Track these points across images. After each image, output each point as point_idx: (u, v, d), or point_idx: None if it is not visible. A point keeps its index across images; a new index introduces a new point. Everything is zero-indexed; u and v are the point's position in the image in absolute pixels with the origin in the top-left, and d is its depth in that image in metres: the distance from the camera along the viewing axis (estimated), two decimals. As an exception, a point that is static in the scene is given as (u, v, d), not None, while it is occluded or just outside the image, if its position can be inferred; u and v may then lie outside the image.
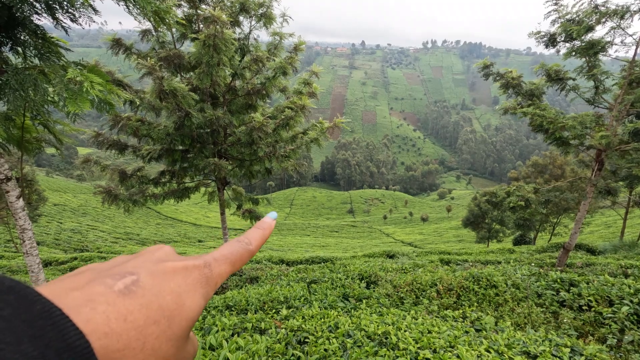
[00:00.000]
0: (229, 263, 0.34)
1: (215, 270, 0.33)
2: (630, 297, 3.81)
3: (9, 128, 3.99)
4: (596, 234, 31.48)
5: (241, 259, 0.36)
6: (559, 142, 7.90)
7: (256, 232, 0.39)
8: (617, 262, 9.18)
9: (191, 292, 0.30)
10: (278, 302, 4.13)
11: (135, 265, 0.29)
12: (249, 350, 2.24)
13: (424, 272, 6.06)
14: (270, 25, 7.53)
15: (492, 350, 2.42)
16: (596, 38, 7.20)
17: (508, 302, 4.36)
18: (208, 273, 0.32)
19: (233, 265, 0.35)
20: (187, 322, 0.28)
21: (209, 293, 0.31)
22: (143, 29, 7.44)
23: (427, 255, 14.32)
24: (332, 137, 13.02)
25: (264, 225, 0.41)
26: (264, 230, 0.40)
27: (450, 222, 64.10)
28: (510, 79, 8.17)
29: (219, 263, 0.33)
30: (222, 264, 0.33)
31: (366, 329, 2.69)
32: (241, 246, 0.37)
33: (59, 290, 0.25)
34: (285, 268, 9.49)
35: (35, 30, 3.13)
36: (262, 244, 0.39)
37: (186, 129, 7.07)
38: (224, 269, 0.33)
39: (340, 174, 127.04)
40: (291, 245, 36.99)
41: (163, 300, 0.27)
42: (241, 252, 0.36)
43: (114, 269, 0.28)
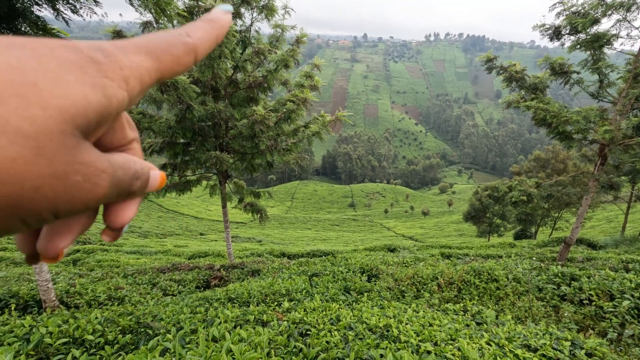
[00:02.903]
0: (147, 53, 0.23)
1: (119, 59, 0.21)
2: (632, 292, 3.82)
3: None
4: (597, 229, 31.48)
5: (170, 51, 0.24)
6: (562, 137, 7.85)
7: (201, 24, 0.27)
8: (618, 256, 9.19)
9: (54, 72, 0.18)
10: (280, 294, 4.16)
11: None
12: (251, 342, 2.25)
13: (425, 266, 6.08)
14: (272, 17, 7.46)
15: (492, 343, 2.43)
16: (601, 31, 7.12)
17: (509, 296, 4.38)
18: (99, 57, 0.21)
19: (157, 60, 0.23)
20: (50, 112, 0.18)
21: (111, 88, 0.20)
22: (144, 20, 7.37)
23: (428, 249, 14.36)
24: (334, 131, 13.01)
25: (211, 16, 0.28)
26: (212, 22, 0.28)
27: (451, 217, 64.16)
28: (513, 73, 8.10)
29: (126, 50, 0.22)
30: (131, 53, 0.22)
31: (368, 321, 2.70)
32: (171, 35, 0.25)
33: None
34: (286, 261, 9.54)
35: (36, 21, 3.11)
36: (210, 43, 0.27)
37: (188, 122, 7.06)
38: (137, 60, 0.22)
39: (341, 167, 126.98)
40: (292, 239, 37.14)
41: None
42: (170, 42, 0.24)
43: None
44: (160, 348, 2.05)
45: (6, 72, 0.17)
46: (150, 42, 0.24)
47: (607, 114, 7.65)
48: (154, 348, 2.09)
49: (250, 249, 18.02)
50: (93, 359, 2.12)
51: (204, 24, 0.27)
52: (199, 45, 0.26)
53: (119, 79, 0.21)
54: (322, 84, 8.13)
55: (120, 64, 0.21)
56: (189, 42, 0.25)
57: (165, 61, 0.24)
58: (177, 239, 31.13)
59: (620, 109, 7.23)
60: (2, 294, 4.73)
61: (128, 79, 0.22)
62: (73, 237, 0.26)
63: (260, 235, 38.60)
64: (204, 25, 0.27)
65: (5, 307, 4.43)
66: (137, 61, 0.22)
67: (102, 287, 5.41)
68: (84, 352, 2.16)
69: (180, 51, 0.25)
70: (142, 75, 0.22)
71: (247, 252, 14.95)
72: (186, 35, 0.26)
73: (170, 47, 0.24)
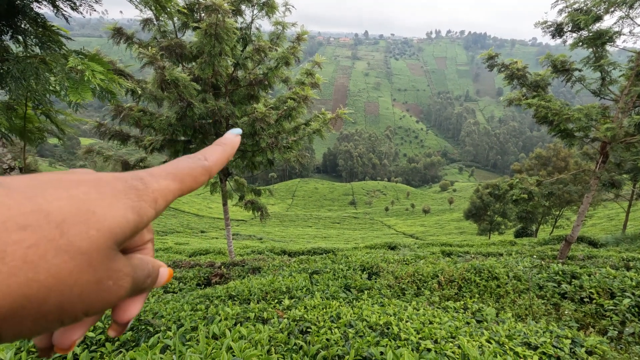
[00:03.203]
0: (174, 178, 0.29)
1: (151, 184, 0.27)
2: (632, 290, 3.81)
3: (11, 118, 3.98)
4: (598, 227, 31.44)
5: (191, 174, 0.30)
6: (563, 134, 7.83)
7: (215, 148, 0.33)
8: (619, 254, 9.18)
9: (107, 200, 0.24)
10: (280, 292, 4.16)
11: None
12: (251, 339, 2.26)
13: (426, 264, 6.08)
14: (273, 14, 7.43)
15: (493, 341, 2.43)
16: (604, 28, 7.08)
17: (509, 294, 4.38)
18: (137, 184, 0.26)
19: (181, 182, 0.29)
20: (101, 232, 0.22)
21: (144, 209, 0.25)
22: (144, 17, 7.36)
23: (428, 247, 14.37)
24: (335, 129, 12.98)
25: (224, 141, 0.35)
26: (225, 146, 0.34)
27: (452, 214, 64.14)
28: (515, 70, 8.07)
29: (157, 177, 0.28)
30: (161, 179, 0.28)
31: (368, 319, 2.71)
32: (192, 161, 0.31)
33: None
34: (287, 259, 9.55)
35: (36, 18, 3.10)
36: (222, 163, 0.33)
37: (188, 119, 7.05)
38: (165, 184, 0.28)
39: (342, 165, 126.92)
40: (293, 237, 37.19)
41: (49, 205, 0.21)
42: (191, 167, 0.30)
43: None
44: (160, 345, 2.06)
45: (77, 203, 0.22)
46: (176, 168, 0.29)
47: (608, 111, 7.62)
48: (155, 345, 2.10)
49: (251, 246, 18.05)
50: (94, 356, 2.12)
51: (218, 148, 0.34)
52: (213, 167, 0.32)
53: (151, 200, 0.26)
54: (323, 81, 8.11)
55: (152, 188, 0.27)
56: (205, 165, 0.31)
57: (186, 182, 0.29)
58: (178, 237, 31.19)
59: (622, 107, 7.20)
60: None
61: (157, 199, 0.27)
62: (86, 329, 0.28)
63: (261, 232, 38.65)
64: (218, 149, 0.34)
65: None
66: (164, 184, 0.28)
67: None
68: (84, 349, 2.17)
69: (199, 173, 0.31)
70: (167, 196, 0.28)
71: (247, 250, 14.97)
72: (204, 159, 0.32)
73: (192, 171, 0.30)
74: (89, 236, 0.22)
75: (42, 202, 0.21)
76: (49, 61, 3.00)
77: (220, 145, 0.34)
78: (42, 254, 0.20)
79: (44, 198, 0.21)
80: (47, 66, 3.00)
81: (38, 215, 0.21)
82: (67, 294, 0.21)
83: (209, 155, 0.32)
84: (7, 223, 0.20)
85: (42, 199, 0.21)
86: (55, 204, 0.21)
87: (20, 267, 0.19)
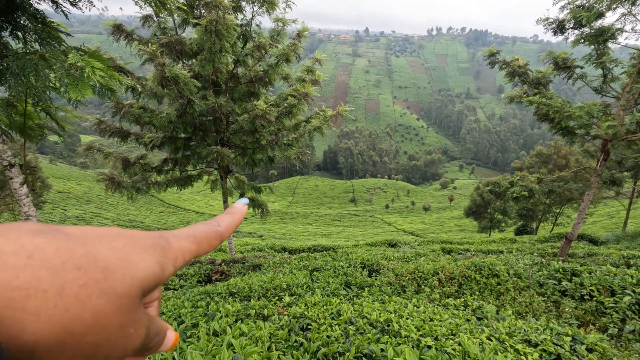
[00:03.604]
0: (192, 241, 0.32)
1: (173, 244, 0.30)
2: (633, 287, 3.81)
3: (11, 114, 3.98)
4: (599, 225, 31.44)
5: (207, 239, 0.33)
6: (564, 132, 7.81)
7: (225, 217, 0.38)
8: (620, 252, 9.18)
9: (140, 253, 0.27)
10: (281, 289, 4.17)
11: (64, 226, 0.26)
12: (252, 336, 2.26)
13: (426, 261, 6.08)
14: (273, 10, 7.40)
15: (493, 338, 2.44)
16: (606, 25, 7.04)
17: (510, 291, 4.38)
18: (163, 243, 0.29)
19: (198, 244, 0.32)
20: (134, 280, 0.25)
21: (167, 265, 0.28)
22: (144, 14, 7.33)
23: (428, 245, 14.38)
24: (335, 126, 12.93)
25: (233, 210, 0.39)
26: (234, 215, 0.38)
27: (452, 212, 64.15)
28: (516, 67, 8.04)
29: (179, 238, 0.31)
30: (182, 240, 0.31)
31: (368, 316, 2.71)
32: (208, 227, 0.35)
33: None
34: (287, 256, 9.56)
35: (35, 14, 3.08)
36: (232, 229, 0.37)
37: (188, 116, 7.03)
38: (186, 245, 0.31)
39: (342, 163, 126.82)
40: (293, 234, 37.23)
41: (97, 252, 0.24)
42: (207, 232, 0.34)
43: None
44: (161, 342, 2.06)
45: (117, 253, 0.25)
46: (196, 232, 0.33)
47: (610, 109, 7.59)
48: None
49: (252, 243, 18.07)
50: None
51: (229, 216, 0.38)
52: (225, 232, 0.36)
53: (172, 258, 0.29)
54: (324, 78, 8.09)
55: (174, 247, 0.30)
56: (219, 231, 0.35)
57: (202, 245, 0.33)
58: (179, 234, 31.20)
59: (624, 104, 7.17)
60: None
61: (177, 258, 0.30)
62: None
63: (262, 230, 38.69)
64: (228, 217, 0.38)
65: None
66: (185, 245, 0.31)
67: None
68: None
69: (213, 237, 0.34)
70: (185, 255, 0.31)
71: (248, 247, 14.99)
72: (217, 225, 0.35)
73: (207, 235, 0.33)
74: (125, 282, 0.25)
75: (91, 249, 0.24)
76: (48, 58, 2.99)
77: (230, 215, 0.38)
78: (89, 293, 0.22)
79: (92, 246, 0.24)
80: (47, 62, 2.99)
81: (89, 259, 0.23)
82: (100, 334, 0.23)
83: (221, 222, 0.36)
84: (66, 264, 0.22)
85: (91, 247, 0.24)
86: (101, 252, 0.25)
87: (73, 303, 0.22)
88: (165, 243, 0.29)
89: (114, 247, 0.25)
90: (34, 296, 0.20)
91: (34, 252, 0.21)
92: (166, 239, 0.30)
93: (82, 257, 0.23)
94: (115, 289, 0.24)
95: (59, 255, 0.22)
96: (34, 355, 0.21)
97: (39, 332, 0.20)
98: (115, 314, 0.24)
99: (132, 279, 0.25)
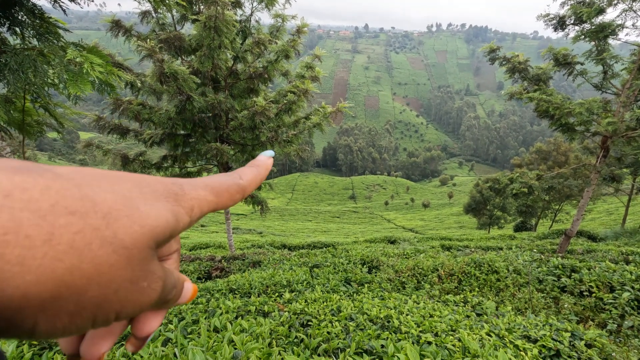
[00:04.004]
0: (211, 190, 0.29)
1: (189, 192, 0.27)
2: (632, 283, 3.82)
3: (9, 111, 3.96)
4: (597, 221, 31.52)
5: (228, 190, 0.30)
6: (564, 128, 7.80)
7: (250, 169, 0.34)
8: (618, 248, 9.20)
9: (149, 200, 0.24)
10: (281, 285, 4.18)
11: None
12: (252, 332, 2.26)
13: (426, 258, 6.09)
14: (272, 6, 7.36)
15: (493, 334, 2.45)
16: (607, 21, 7.02)
17: (509, 288, 4.40)
18: (177, 189, 0.26)
19: (217, 196, 0.29)
20: (144, 229, 0.22)
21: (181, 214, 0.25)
22: (143, 10, 7.29)
23: (428, 241, 14.41)
24: (335, 123, 12.80)
25: (258, 162, 0.36)
26: (259, 167, 0.35)
27: (451, 209, 64.25)
28: (516, 64, 8.02)
29: (195, 187, 0.28)
30: (199, 188, 0.28)
31: (368, 312, 2.71)
32: (229, 178, 0.32)
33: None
34: (287, 253, 9.57)
35: (33, 9, 3.06)
36: (256, 184, 0.34)
37: (188, 113, 7.01)
38: (203, 194, 0.28)
39: (342, 159, 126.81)
40: (293, 231, 37.28)
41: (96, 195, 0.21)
42: (228, 183, 0.31)
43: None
44: (162, 338, 2.06)
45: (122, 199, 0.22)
46: (215, 182, 0.30)
47: (610, 105, 7.58)
48: (156, 338, 2.10)
49: (251, 240, 18.10)
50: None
51: (252, 169, 0.35)
52: (247, 186, 0.33)
53: (188, 207, 0.26)
54: (323, 75, 8.06)
55: (190, 195, 0.27)
56: (241, 184, 0.32)
57: (223, 197, 0.30)
58: (178, 231, 31.19)
59: (624, 101, 7.16)
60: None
61: (193, 207, 0.27)
62: (113, 342, 0.28)
63: (261, 226, 38.73)
64: (252, 170, 0.34)
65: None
66: (203, 194, 0.28)
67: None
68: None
69: (234, 190, 0.31)
70: (202, 206, 0.28)
71: (248, 244, 15.01)
72: (239, 177, 0.32)
73: (228, 187, 0.31)
74: (133, 231, 0.22)
75: (89, 191, 0.21)
76: (47, 53, 2.97)
77: (254, 167, 0.35)
78: (87, 242, 0.20)
79: (90, 188, 0.21)
80: (45, 58, 2.97)
81: (85, 203, 0.20)
82: (104, 289, 0.20)
83: (244, 174, 0.33)
84: (56, 207, 0.19)
85: (88, 188, 0.21)
86: (101, 195, 0.21)
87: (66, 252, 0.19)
88: (179, 189, 0.27)
89: (117, 191, 0.22)
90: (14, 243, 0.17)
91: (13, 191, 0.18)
92: (180, 186, 0.27)
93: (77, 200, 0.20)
94: (121, 238, 0.21)
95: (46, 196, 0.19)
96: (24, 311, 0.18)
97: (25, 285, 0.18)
98: (123, 266, 0.21)
99: (142, 227, 0.22)
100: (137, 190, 0.24)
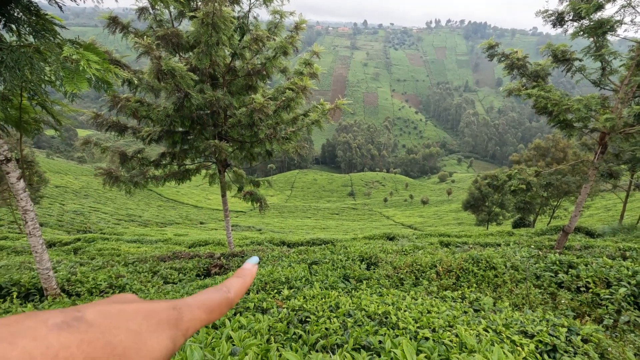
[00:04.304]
0: (204, 310, 0.34)
1: (186, 315, 0.32)
2: (628, 279, 3.84)
3: (6, 108, 3.94)
4: (595, 217, 31.63)
5: (219, 307, 0.35)
6: (562, 125, 7.80)
7: (236, 280, 0.39)
8: (616, 244, 9.24)
9: (155, 332, 0.29)
10: (279, 282, 4.19)
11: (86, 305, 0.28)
12: (251, 328, 2.27)
13: (424, 254, 6.11)
14: (270, 3, 7.32)
15: (490, 329, 2.46)
16: (605, 17, 7.00)
17: (507, 284, 4.42)
18: (176, 316, 0.31)
19: (209, 313, 0.34)
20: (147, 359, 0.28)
21: (178, 338, 0.31)
22: (140, 6, 7.24)
23: (426, 238, 14.44)
24: (333, 119, 12.81)
25: (244, 272, 0.41)
26: (244, 277, 0.40)
27: (450, 205, 64.37)
28: (515, 60, 8.00)
29: (192, 308, 0.33)
30: (195, 310, 0.33)
31: (366, 308, 2.73)
32: (219, 294, 0.36)
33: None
34: (286, 249, 9.58)
35: (29, 6, 3.04)
36: (243, 293, 0.39)
37: (186, 110, 6.99)
38: (198, 315, 0.33)
39: (341, 156, 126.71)
40: (292, 227, 37.32)
41: (114, 338, 0.26)
42: (219, 300, 0.35)
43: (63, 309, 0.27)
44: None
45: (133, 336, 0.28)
46: (207, 300, 0.35)
47: (608, 102, 7.58)
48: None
49: (250, 237, 18.10)
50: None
51: (239, 280, 0.39)
52: (235, 298, 0.37)
53: (184, 329, 0.31)
54: (322, 71, 8.04)
55: (187, 318, 0.32)
56: (229, 297, 0.37)
57: (214, 314, 0.34)
58: (178, 228, 31.27)
59: (622, 97, 7.17)
60: (4, 282, 4.76)
61: (188, 329, 0.32)
62: None
63: (260, 223, 38.76)
64: (239, 281, 0.39)
65: (7, 295, 4.46)
66: (197, 316, 0.33)
67: (103, 275, 5.44)
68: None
69: (224, 305, 0.36)
70: (196, 325, 0.33)
71: (247, 241, 15.02)
72: (227, 291, 0.37)
73: (219, 304, 0.35)
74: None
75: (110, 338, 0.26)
76: (43, 50, 2.95)
77: (240, 277, 0.40)
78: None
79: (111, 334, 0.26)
80: (42, 55, 2.96)
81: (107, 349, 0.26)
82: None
83: (232, 287, 0.38)
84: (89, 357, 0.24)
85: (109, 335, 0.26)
86: (118, 337, 0.27)
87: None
88: (178, 315, 0.31)
89: (130, 329, 0.28)
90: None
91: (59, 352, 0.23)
92: (179, 311, 0.32)
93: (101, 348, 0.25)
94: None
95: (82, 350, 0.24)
96: None
97: None
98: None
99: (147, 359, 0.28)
100: (145, 324, 0.29)
